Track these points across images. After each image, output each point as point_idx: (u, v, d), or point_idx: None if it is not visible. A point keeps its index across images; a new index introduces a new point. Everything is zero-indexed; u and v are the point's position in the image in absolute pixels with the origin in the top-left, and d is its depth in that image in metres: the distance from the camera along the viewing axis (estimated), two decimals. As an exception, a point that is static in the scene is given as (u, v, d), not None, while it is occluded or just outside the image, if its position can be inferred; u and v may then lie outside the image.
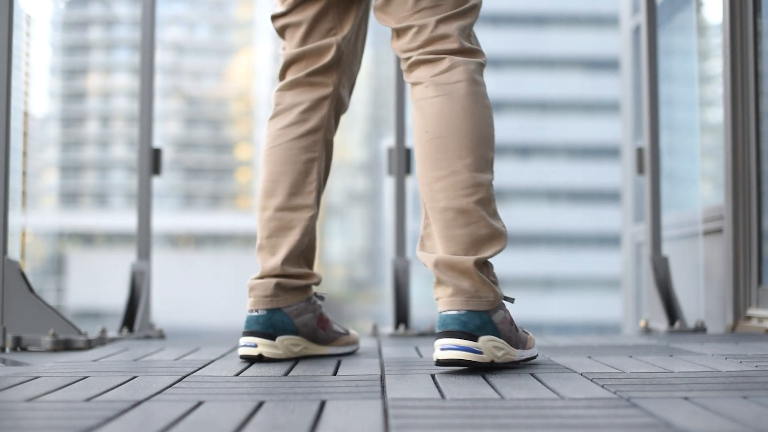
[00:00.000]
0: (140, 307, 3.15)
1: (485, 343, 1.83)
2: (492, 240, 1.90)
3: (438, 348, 1.84)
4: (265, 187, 2.17)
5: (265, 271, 2.14)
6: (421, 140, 1.94)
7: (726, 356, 2.13)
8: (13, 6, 2.67)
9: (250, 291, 2.15)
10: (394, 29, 2.04)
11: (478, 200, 1.89)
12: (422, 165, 1.94)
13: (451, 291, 1.87)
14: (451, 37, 1.97)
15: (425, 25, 1.97)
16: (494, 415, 1.32)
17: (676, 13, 4.53)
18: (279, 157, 2.15)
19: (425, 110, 1.95)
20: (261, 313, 2.12)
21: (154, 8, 3.34)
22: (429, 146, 1.92)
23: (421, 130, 1.95)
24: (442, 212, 1.90)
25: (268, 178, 2.16)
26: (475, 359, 1.82)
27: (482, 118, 1.94)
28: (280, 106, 2.19)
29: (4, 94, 2.63)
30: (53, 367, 2.01)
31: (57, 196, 50.01)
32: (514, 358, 1.90)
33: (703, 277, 3.77)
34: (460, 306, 1.85)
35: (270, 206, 2.15)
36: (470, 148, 1.90)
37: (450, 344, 1.83)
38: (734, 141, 3.28)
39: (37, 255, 35.76)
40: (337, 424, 1.26)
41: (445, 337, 1.84)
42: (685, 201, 4.61)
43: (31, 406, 1.45)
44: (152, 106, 3.33)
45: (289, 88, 2.20)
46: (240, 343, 2.13)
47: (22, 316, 2.66)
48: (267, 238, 2.15)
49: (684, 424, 1.22)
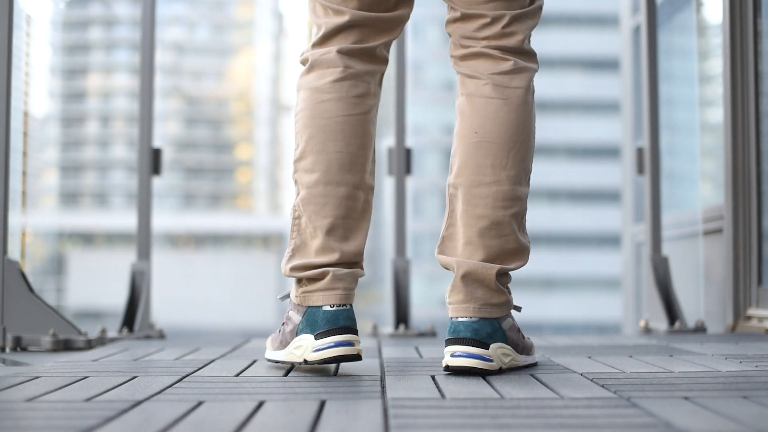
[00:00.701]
0: (140, 307, 3.15)
1: (495, 351, 1.82)
2: (518, 254, 1.90)
3: (448, 354, 1.82)
4: (342, 159, 1.88)
5: (347, 256, 1.88)
6: (468, 139, 1.89)
7: (726, 356, 2.13)
8: (13, 6, 2.67)
9: (333, 280, 1.86)
10: (462, 12, 1.92)
11: (514, 214, 1.88)
12: (464, 166, 1.88)
13: (463, 297, 1.84)
14: (519, 36, 1.91)
15: (499, 17, 1.89)
16: (494, 414, 1.32)
17: (676, 13, 4.53)
18: (358, 129, 1.90)
19: (478, 109, 1.89)
20: (349, 308, 1.86)
21: (154, 8, 3.34)
22: (476, 148, 1.87)
23: (470, 129, 1.89)
24: (477, 219, 1.87)
25: (347, 150, 1.89)
26: (486, 367, 1.80)
27: (532, 130, 1.92)
28: (352, 70, 1.92)
29: (4, 94, 2.63)
30: (53, 367, 2.01)
31: (57, 196, 50.03)
32: (518, 364, 1.90)
33: (703, 277, 3.77)
34: (473, 313, 1.83)
35: (349, 182, 1.88)
36: (517, 159, 1.88)
37: (461, 351, 1.80)
38: (734, 141, 3.28)
39: (37, 255, 35.77)
40: (337, 424, 1.26)
41: (456, 344, 1.81)
42: (685, 201, 4.61)
43: (31, 406, 1.45)
44: (152, 106, 3.33)
45: (356, 54, 1.94)
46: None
47: (22, 316, 2.66)
48: (344, 218, 1.88)
49: (684, 424, 1.22)
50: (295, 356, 1.88)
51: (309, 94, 1.93)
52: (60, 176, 50.24)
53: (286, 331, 1.92)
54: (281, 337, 1.94)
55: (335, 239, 1.88)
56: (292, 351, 1.88)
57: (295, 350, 1.88)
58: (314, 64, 1.96)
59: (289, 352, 1.89)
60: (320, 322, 1.84)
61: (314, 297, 1.86)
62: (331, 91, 1.91)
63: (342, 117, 1.90)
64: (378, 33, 1.96)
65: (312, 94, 1.93)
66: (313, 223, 1.89)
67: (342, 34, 1.94)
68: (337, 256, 1.87)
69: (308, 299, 1.87)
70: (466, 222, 1.87)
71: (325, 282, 1.85)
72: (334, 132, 1.89)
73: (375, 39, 1.96)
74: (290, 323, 1.91)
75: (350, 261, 1.89)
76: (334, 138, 1.89)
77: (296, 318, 1.89)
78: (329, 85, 1.91)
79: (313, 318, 1.85)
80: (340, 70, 1.92)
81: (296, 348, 1.87)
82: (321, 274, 1.86)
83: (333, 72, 1.92)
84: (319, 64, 1.95)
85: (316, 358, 1.82)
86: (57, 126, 50.70)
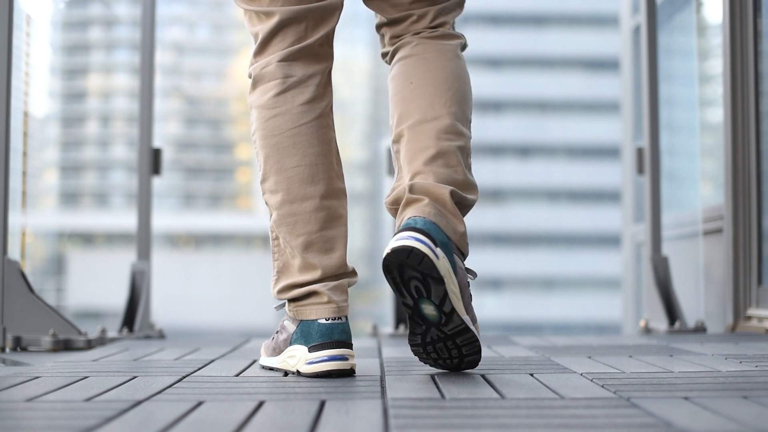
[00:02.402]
0: (140, 307, 3.15)
1: (443, 261, 1.70)
2: (468, 188, 1.83)
3: (393, 241, 1.70)
4: (301, 173, 1.85)
5: (330, 270, 1.85)
6: (404, 90, 1.88)
7: (726, 356, 2.13)
8: (13, 6, 2.67)
9: (322, 295, 1.83)
10: (391, 17, 1.96)
11: (460, 147, 1.84)
12: (404, 114, 1.86)
13: (422, 204, 1.77)
14: (446, 26, 1.96)
15: (425, 14, 1.94)
16: (494, 415, 1.32)
17: (676, 13, 4.53)
18: (312, 137, 1.85)
19: (414, 63, 1.90)
20: (344, 321, 1.84)
21: (154, 8, 3.34)
22: (414, 95, 1.86)
23: (404, 81, 1.89)
24: (422, 150, 1.82)
25: (304, 162, 1.85)
26: (432, 259, 1.67)
27: (467, 80, 1.93)
28: (293, 78, 1.88)
29: (4, 94, 2.63)
30: (53, 367, 2.01)
31: (57, 196, 50.01)
32: (467, 323, 1.76)
33: (703, 277, 3.77)
34: (428, 215, 1.74)
35: (314, 195, 1.84)
36: (455, 100, 1.86)
37: (409, 235, 1.69)
38: (734, 141, 3.28)
39: (37, 255, 35.70)
40: (337, 424, 1.26)
41: (405, 231, 1.70)
42: (685, 201, 4.61)
43: (31, 406, 1.45)
44: (152, 106, 3.33)
45: (296, 57, 1.89)
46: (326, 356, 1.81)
47: (22, 316, 2.66)
48: (318, 232, 1.84)
49: (684, 424, 1.22)
50: (288, 365, 1.88)
51: (258, 112, 1.91)
52: (60, 176, 50.22)
53: (280, 340, 1.91)
54: (274, 344, 1.93)
55: (314, 255, 1.85)
56: (286, 360, 1.88)
57: (288, 359, 1.87)
58: (256, 80, 1.93)
59: (283, 360, 1.89)
60: (314, 335, 1.82)
61: (307, 311, 1.84)
62: (275, 106, 1.87)
63: (292, 130, 1.86)
64: (314, 26, 1.90)
65: (260, 112, 1.90)
66: (289, 244, 1.86)
67: (278, 36, 1.89)
68: (319, 273, 1.85)
69: (301, 313, 1.85)
70: (412, 156, 1.83)
71: (315, 298, 1.84)
72: (287, 147, 1.86)
73: (313, 33, 1.90)
74: (284, 332, 1.90)
75: (334, 274, 1.86)
76: (288, 154, 1.86)
77: (291, 327, 1.88)
78: (272, 100, 1.88)
79: (308, 330, 1.83)
80: (280, 82, 1.88)
81: (290, 357, 1.87)
82: (308, 292, 1.84)
83: (274, 85, 1.88)
84: (260, 79, 1.91)
85: (309, 371, 1.80)
86: (57, 126, 50.67)
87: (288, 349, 1.87)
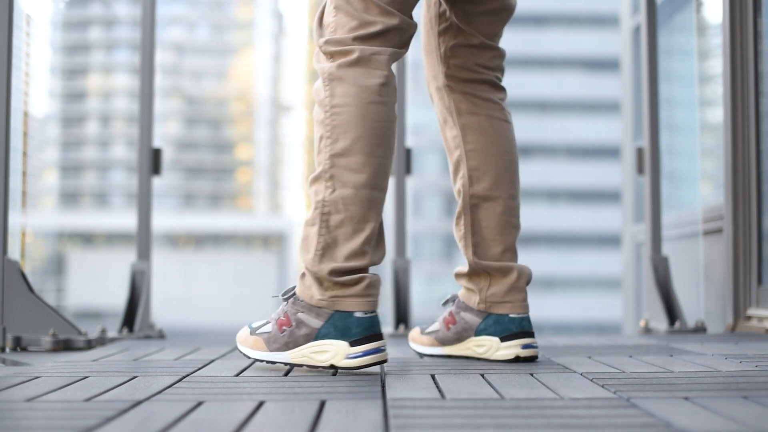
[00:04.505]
0: (140, 307, 3.15)
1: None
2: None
3: (519, 347, 2.08)
4: (385, 165, 1.90)
5: (377, 261, 1.91)
6: (501, 157, 2.13)
7: (726, 356, 2.13)
8: (13, 6, 2.67)
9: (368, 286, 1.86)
10: (482, 42, 2.14)
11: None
12: (501, 181, 2.13)
13: (523, 296, 2.13)
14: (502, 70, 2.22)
15: (502, 53, 2.19)
16: (494, 415, 1.32)
17: (676, 13, 4.54)
18: (395, 137, 1.95)
19: (503, 131, 2.15)
20: (377, 314, 1.90)
21: (154, 8, 3.34)
22: (508, 166, 2.14)
23: (500, 147, 2.14)
24: (513, 228, 2.14)
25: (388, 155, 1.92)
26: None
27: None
28: (393, 78, 1.94)
29: (4, 94, 2.63)
30: (53, 367, 2.01)
31: (57, 196, 50.03)
32: None
33: (703, 277, 3.78)
34: (527, 311, 2.14)
35: (386, 188, 1.93)
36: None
37: (529, 343, 2.09)
38: (734, 141, 3.28)
39: (37, 255, 35.74)
40: (337, 424, 1.26)
41: (525, 337, 2.10)
42: (685, 201, 4.61)
43: (31, 406, 1.45)
44: (152, 106, 3.33)
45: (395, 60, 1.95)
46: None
47: (22, 316, 2.66)
48: (380, 224, 1.92)
49: (684, 424, 1.22)
50: (312, 360, 1.86)
51: (356, 90, 1.88)
52: (60, 176, 50.24)
53: (299, 334, 1.87)
54: (286, 338, 1.89)
55: (371, 245, 1.87)
56: (309, 355, 1.87)
57: (314, 354, 1.86)
58: (362, 60, 1.90)
59: (302, 355, 1.87)
60: (354, 329, 1.84)
61: (347, 302, 1.85)
62: (381, 95, 1.89)
63: (388, 123, 1.90)
64: (408, 41, 1.99)
65: (360, 92, 1.88)
66: (353, 225, 1.85)
67: (389, 35, 1.93)
68: (367, 262, 1.87)
69: (339, 304, 1.85)
70: (504, 232, 2.13)
71: (360, 288, 1.85)
72: (383, 137, 1.89)
73: (406, 47, 1.99)
74: (304, 326, 1.87)
75: (375, 268, 1.91)
76: (380, 143, 1.88)
77: (314, 322, 1.86)
78: (378, 87, 1.89)
79: (345, 324, 1.84)
80: (386, 75, 1.91)
81: (318, 353, 1.85)
82: (357, 279, 1.85)
83: (380, 75, 1.90)
84: (368, 62, 1.90)
85: (353, 364, 1.83)
86: (57, 126, 50.70)
87: (314, 344, 1.86)
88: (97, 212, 48.13)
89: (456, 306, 2.19)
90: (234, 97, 52.35)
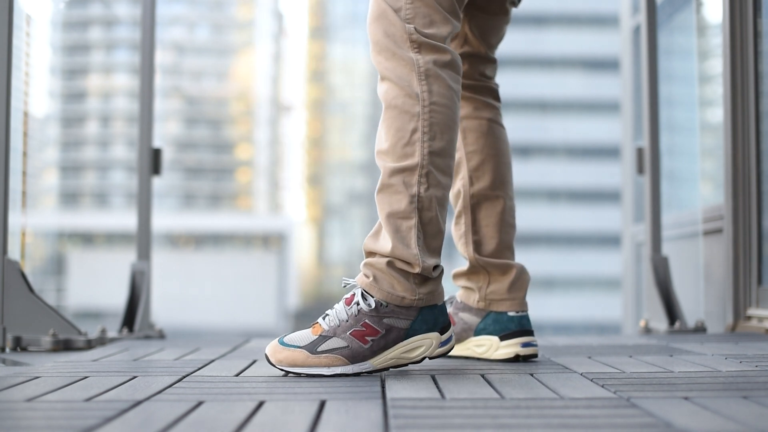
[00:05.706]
0: (140, 307, 3.15)
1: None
2: None
3: (519, 345, 2.10)
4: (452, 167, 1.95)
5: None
6: (499, 159, 2.19)
7: (726, 356, 2.13)
8: (13, 6, 2.67)
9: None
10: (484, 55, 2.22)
11: None
12: (501, 182, 2.18)
13: (524, 294, 2.16)
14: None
15: (497, 64, 2.29)
16: (494, 415, 1.32)
17: (676, 13, 4.54)
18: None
19: (503, 137, 2.22)
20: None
21: (154, 8, 3.34)
22: (507, 169, 2.21)
23: (499, 150, 2.20)
24: (511, 228, 2.19)
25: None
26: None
27: None
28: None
29: (4, 94, 2.63)
30: (53, 367, 2.01)
31: (57, 196, 50.05)
32: None
33: (703, 277, 3.77)
34: (527, 308, 2.17)
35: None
36: None
37: (530, 341, 2.11)
38: (734, 141, 3.28)
39: (37, 255, 35.75)
40: (337, 424, 1.26)
41: (526, 336, 2.12)
42: (685, 201, 4.61)
43: (31, 406, 1.45)
44: (152, 106, 3.33)
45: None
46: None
47: (22, 316, 2.66)
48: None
49: (684, 424, 1.22)
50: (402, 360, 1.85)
51: (451, 94, 1.90)
52: (60, 176, 50.25)
53: (389, 339, 1.83)
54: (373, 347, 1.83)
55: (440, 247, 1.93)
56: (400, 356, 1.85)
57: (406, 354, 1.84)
58: (453, 64, 1.92)
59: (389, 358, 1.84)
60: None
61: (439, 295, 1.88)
62: (456, 100, 1.93)
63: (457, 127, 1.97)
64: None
65: (454, 96, 1.91)
66: (437, 226, 1.87)
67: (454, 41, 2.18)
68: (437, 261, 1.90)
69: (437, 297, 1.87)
70: (503, 230, 2.17)
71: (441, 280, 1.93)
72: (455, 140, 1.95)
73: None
74: (393, 330, 1.84)
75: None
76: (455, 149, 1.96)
77: (402, 323, 1.84)
78: (455, 92, 1.92)
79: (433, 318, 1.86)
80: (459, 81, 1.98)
81: (410, 350, 1.85)
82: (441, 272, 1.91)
83: (460, 81, 1.95)
84: (455, 67, 1.93)
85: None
86: (57, 126, 50.71)
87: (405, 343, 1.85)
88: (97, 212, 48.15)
89: (454, 307, 2.19)
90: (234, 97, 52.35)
